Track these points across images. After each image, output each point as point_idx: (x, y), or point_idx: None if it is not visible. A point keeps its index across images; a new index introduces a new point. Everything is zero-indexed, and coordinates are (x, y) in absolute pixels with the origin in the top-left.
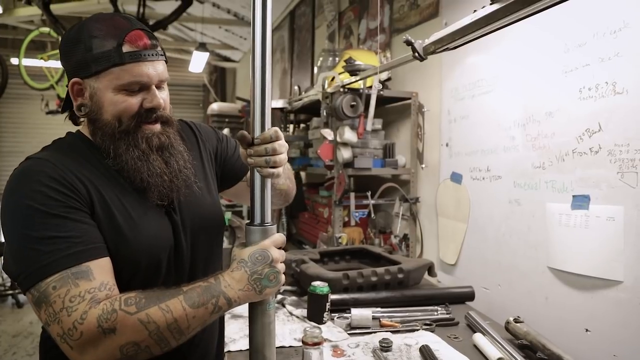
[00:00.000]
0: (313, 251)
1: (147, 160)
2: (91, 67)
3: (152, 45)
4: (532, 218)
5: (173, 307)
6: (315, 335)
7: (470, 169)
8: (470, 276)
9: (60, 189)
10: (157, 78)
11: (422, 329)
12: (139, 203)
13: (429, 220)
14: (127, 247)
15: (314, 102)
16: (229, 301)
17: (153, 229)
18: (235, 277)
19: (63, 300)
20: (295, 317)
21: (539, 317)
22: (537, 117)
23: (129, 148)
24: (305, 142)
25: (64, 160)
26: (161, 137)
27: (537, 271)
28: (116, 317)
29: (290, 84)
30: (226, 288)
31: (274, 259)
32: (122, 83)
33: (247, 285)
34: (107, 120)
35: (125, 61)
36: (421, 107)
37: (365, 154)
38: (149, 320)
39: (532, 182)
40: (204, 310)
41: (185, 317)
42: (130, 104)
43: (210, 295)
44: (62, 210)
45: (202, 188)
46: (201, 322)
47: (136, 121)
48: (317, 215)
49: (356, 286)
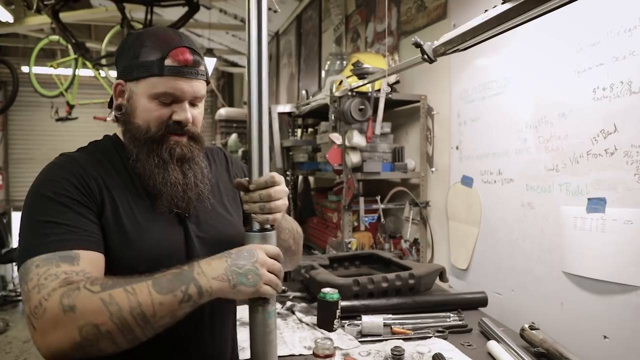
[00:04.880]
0: (322, 257)
1: (164, 169)
2: (134, 73)
3: (194, 63)
4: (546, 222)
5: (139, 290)
6: (326, 347)
7: (482, 172)
8: (483, 281)
9: (74, 183)
10: (191, 95)
11: (434, 336)
12: (150, 210)
13: (439, 225)
14: (127, 249)
15: (322, 106)
16: (199, 290)
17: (157, 236)
18: (212, 264)
19: (39, 278)
20: (305, 324)
21: (554, 324)
22: (550, 119)
23: (150, 154)
24: (313, 147)
25: (89, 161)
26: (184, 149)
27: (552, 276)
28: (78, 294)
29: (297, 88)
30: (199, 275)
31: (260, 260)
32: (157, 92)
33: (222, 275)
34: (138, 124)
35: (164, 74)
36: (430, 109)
37: (374, 158)
38: (111, 301)
39: (545, 185)
40: (172, 298)
41: (150, 303)
42: (161, 113)
43: (180, 282)
44: (69, 201)
45: (222, 206)
46: (169, 311)
47: (164, 131)
48: (326, 220)
49: (367, 292)
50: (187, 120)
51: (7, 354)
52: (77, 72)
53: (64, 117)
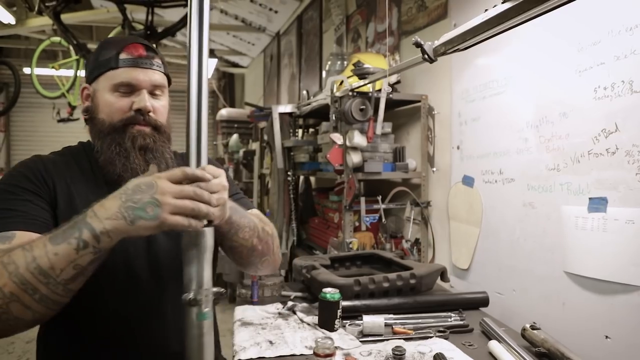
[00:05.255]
0: (324, 257)
1: (126, 157)
2: (94, 72)
3: (148, 56)
4: (548, 221)
5: (35, 245)
6: (327, 347)
7: (482, 172)
8: (484, 281)
9: (28, 176)
10: (148, 83)
11: (435, 336)
12: None
13: (440, 225)
14: None
15: (322, 107)
16: (94, 233)
17: None
18: (105, 204)
19: None
20: (306, 324)
21: (556, 323)
22: (551, 118)
23: (111, 144)
24: (314, 147)
25: (55, 161)
26: (147, 139)
27: (553, 276)
28: None
29: (298, 88)
30: (91, 219)
31: (161, 189)
32: (114, 83)
33: (116, 212)
34: (101, 118)
35: (120, 66)
36: (431, 109)
37: (375, 158)
38: (9, 262)
39: (546, 185)
40: (66, 247)
41: (45, 255)
42: (122, 104)
43: (73, 229)
44: (19, 190)
45: None
46: (67, 261)
47: (126, 121)
48: (327, 220)
49: (368, 292)
50: (147, 108)
51: (10, 354)
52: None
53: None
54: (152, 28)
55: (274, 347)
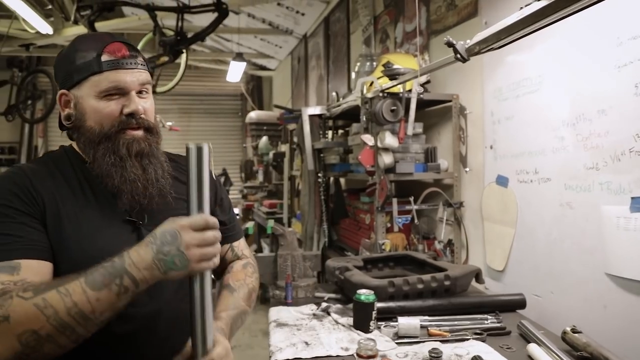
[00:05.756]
0: (356, 258)
1: (122, 167)
2: (74, 78)
3: (131, 55)
4: (586, 222)
5: (72, 290)
6: (369, 348)
7: (517, 172)
8: (520, 283)
9: (18, 194)
10: (137, 84)
11: (472, 338)
12: (100, 218)
13: (474, 225)
14: (70, 261)
15: (352, 108)
16: (134, 281)
17: (102, 247)
18: (140, 254)
19: None
20: (341, 325)
21: (596, 327)
22: (588, 116)
23: (106, 153)
24: (344, 148)
25: (38, 172)
26: (142, 143)
27: (593, 278)
28: (10, 303)
29: (327, 90)
30: (130, 267)
31: (185, 242)
32: (101, 89)
33: (151, 264)
34: (90, 126)
35: (104, 69)
36: (463, 109)
37: (407, 159)
38: (45, 305)
39: (584, 184)
40: (107, 292)
41: (86, 301)
42: (112, 109)
43: (113, 276)
44: (12, 212)
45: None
46: (108, 305)
47: (118, 127)
48: (359, 222)
49: (402, 294)
50: (139, 111)
51: None
52: None
53: None
54: (182, 33)
55: (310, 347)
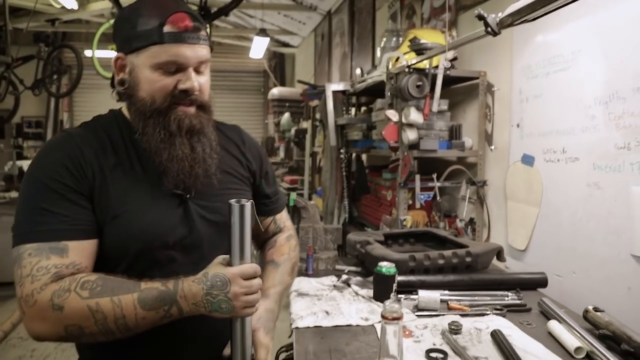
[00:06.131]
0: (377, 233)
1: (171, 143)
2: (133, 44)
3: (194, 28)
4: (614, 202)
5: (125, 304)
6: (394, 310)
7: (544, 151)
8: (542, 263)
9: (68, 167)
10: (196, 60)
11: (492, 313)
12: (148, 191)
13: (497, 204)
14: (118, 232)
15: (377, 84)
16: (180, 311)
17: (150, 219)
18: (192, 289)
19: (32, 268)
20: (361, 297)
21: (620, 308)
22: (623, 94)
23: (156, 128)
24: (368, 125)
25: (88, 140)
26: (193, 120)
27: (618, 259)
28: (68, 296)
29: (350, 67)
30: (180, 299)
31: (232, 292)
32: (159, 62)
33: (200, 302)
34: (142, 97)
35: (165, 41)
36: (490, 86)
37: (431, 136)
38: (97, 309)
39: (614, 164)
40: (154, 314)
41: (134, 317)
42: (166, 83)
43: (163, 302)
44: (62, 187)
45: (228, 186)
46: (150, 323)
47: (170, 102)
48: (380, 198)
49: (422, 268)
50: (194, 89)
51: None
52: None
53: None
54: (206, 8)
55: (330, 317)
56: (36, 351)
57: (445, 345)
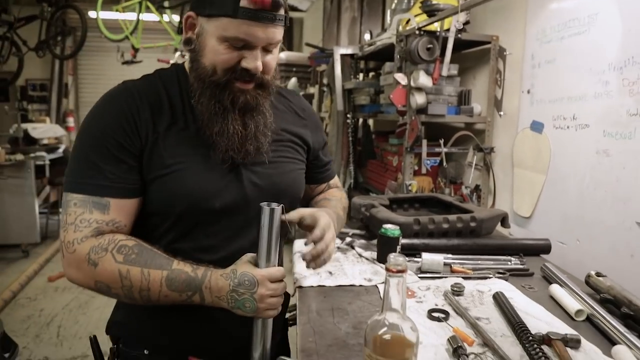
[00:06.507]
0: (382, 197)
1: (224, 117)
2: (206, 8)
3: (273, 6)
4: (623, 170)
5: (152, 279)
6: (399, 263)
7: (554, 118)
8: (546, 230)
9: (123, 125)
10: (265, 42)
11: (494, 277)
12: (199, 152)
13: (503, 172)
14: (164, 190)
15: (386, 47)
16: (202, 300)
17: (200, 179)
18: (219, 283)
19: (75, 218)
20: (364, 258)
21: (622, 275)
22: (639, 59)
23: (212, 99)
24: (375, 89)
25: (147, 96)
26: (249, 97)
27: (623, 227)
28: (104, 256)
29: (359, 32)
30: (205, 289)
31: (258, 294)
32: (227, 36)
33: (223, 296)
34: (204, 64)
35: (238, 16)
36: (502, 50)
37: (439, 101)
38: (126, 277)
39: (625, 131)
40: (177, 296)
41: (158, 293)
42: (229, 58)
43: (188, 288)
44: (114, 145)
45: (282, 156)
46: (170, 302)
47: (230, 76)
48: (386, 164)
49: (427, 232)
50: (257, 69)
51: None
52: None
53: (130, 60)
54: None
55: (334, 277)
56: (44, 311)
57: (447, 306)
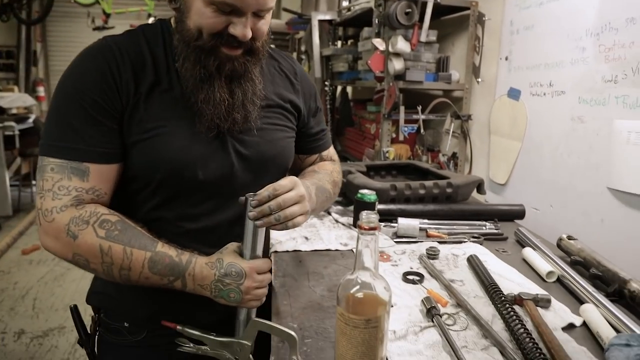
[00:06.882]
0: (359, 164)
1: (210, 84)
2: None
3: None
4: (596, 136)
5: (134, 258)
6: (371, 220)
7: (531, 84)
8: (521, 197)
9: (102, 85)
10: (255, 7)
11: (469, 241)
12: (183, 116)
13: (480, 139)
14: (145, 155)
15: (364, 12)
16: (184, 287)
17: (182, 144)
18: (203, 271)
19: (53, 184)
20: (341, 224)
21: (593, 239)
22: (615, 24)
23: (196, 65)
24: (354, 56)
25: (129, 53)
26: (236, 64)
27: (595, 192)
28: (84, 229)
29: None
30: (188, 276)
31: (245, 286)
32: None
33: (207, 285)
34: (189, 27)
35: None
36: (481, 16)
37: (418, 67)
38: (108, 253)
39: (600, 98)
40: (158, 279)
41: (139, 274)
42: (215, 22)
43: (171, 273)
44: (92, 106)
45: (270, 122)
46: (149, 284)
47: (215, 41)
48: (364, 132)
49: (403, 198)
50: (245, 37)
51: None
52: None
53: (101, 27)
54: None
55: (310, 242)
56: (18, 284)
57: (422, 269)
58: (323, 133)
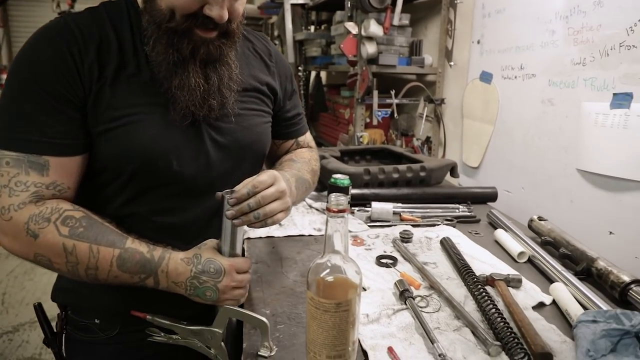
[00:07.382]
0: (334, 149)
1: (183, 69)
2: None
3: None
4: (566, 119)
5: (102, 257)
6: (340, 203)
7: (502, 68)
8: (493, 179)
9: (62, 69)
10: None
11: (443, 224)
12: (154, 103)
13: (453, 123)
14: (113, 146)
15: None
16: (156, 284)
17: (154, 133)
18: (178, 268)
19: (9, 180)
20: (314, 209)
21: (562, 219)
22: (584, 7)
23: (168, 49)
24: (327, 40)
25: (91, 33)
26: (211, 47)
27: (564, 174)
28: (45, 227)
29: None
30: (161, 273)
31: (223, 284)
32: None
33: (182, 282)
34: (160, 7)
35: None
36: (453, 0)
37: (391, 51)
38: (72, 252)
39: (569, 80)
40: (128, 277)
41: (107, 272)
42: (190, 2)
43: (142, 270)
44: (51, 92)
45: (247, 108)
46: (119, 283)
47: (189, 23)
48: (338, 117)
49: (377, 182)
50: (221, 19)
51: None
52: None
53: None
54: None
55: (283, 228)
56: None
57: (395, 253)
58: (299, 117)
